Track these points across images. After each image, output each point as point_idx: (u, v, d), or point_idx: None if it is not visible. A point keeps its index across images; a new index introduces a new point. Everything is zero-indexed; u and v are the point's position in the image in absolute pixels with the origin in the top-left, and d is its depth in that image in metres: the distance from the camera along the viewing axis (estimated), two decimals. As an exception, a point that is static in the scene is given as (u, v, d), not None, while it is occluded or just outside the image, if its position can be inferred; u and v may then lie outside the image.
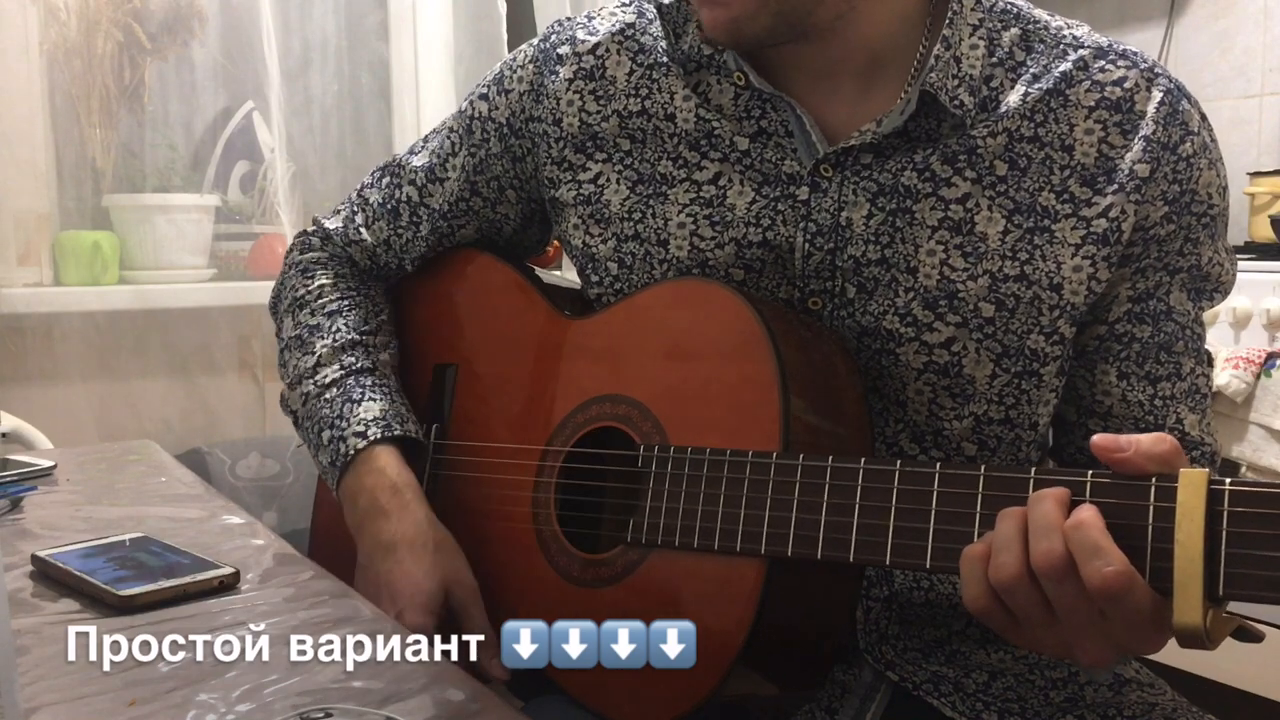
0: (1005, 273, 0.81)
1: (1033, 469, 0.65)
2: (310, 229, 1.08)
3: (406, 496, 0.89)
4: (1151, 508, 0.61)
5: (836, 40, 0.81)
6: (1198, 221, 0.82)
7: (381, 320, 1.01)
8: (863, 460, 0.70)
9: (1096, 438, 0.62)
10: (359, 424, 0.91)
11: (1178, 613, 0.59)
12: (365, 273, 1.05)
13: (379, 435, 0.91)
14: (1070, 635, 0.63)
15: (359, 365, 0.96)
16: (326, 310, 1.00)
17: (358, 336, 0.98)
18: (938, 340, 0.82)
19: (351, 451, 0.91)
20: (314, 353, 0.97)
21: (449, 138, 1.00)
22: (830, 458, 0.71)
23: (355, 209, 1.04)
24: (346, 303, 1.00)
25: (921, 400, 0.83)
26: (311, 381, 0.96)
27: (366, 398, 0.93)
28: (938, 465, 0.68)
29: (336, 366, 0.95)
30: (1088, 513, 0.61)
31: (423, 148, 1.02)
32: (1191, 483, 0.59)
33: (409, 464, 0.92)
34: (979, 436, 0.84)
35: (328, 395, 0.94)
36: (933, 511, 0.67)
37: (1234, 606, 0.61)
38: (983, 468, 0.66)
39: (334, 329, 0.98)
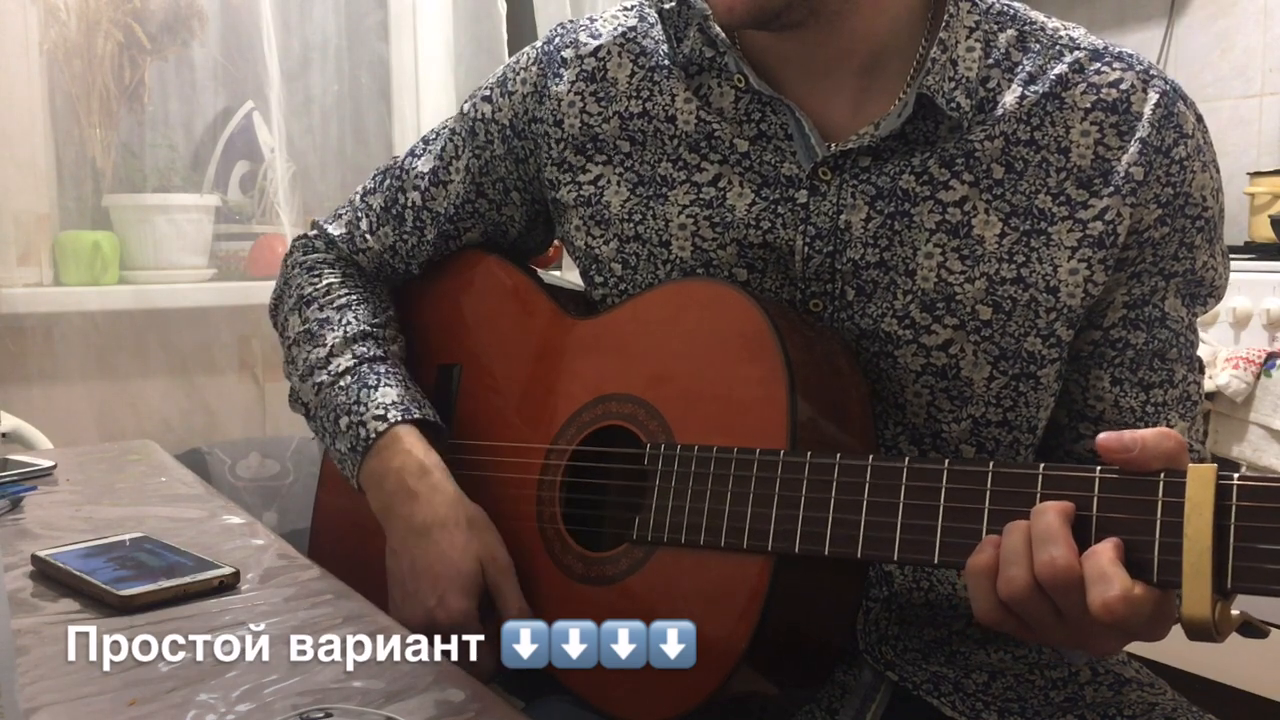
0: (1002, 275, 0.81)
1: (1041, 465, 0.65)
2: (312, 232, 1.07)
3: (435, 476, 0.88)
4: (1160, 503, 0.61)
5: (841, 29, 0.81)
6: (1192, 225, 0.82)
7: (389, 316, 1.01)
8: (870, 457, 0.70)
9: (1101, 437, 0.63)
10: (378, 408, 0.91)
11: (1186, 606, 0.59)
12: (371, 276, 1.05)
13: (399, 418, 0.90)
14: (1078, 633, 0.64)
15: (371, 354, 0.96)
16: (335, 305, 1.00)
17: (369, 328, 0.98)
18: (935, 343, 0.82)
19: (373, 435, 0.90)
20: (325, 344, 0.97)
21: (452, 140, 0.99)
22: (838, 455, 0.71)
23: (359, 214, 1.04)
24: (355, 298, 1.00)
25: (920, 403, 0.83)
26: (325, 371, 0.95)
27: (383, 384, 0.93)
28: (946, 462, 0.68)
29: (349, 355, 0.95)
30: (1102, 544, 0.62)
31: (424, 151, 1.01)
32: (1200, 478, 0.60)
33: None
34: (977, 439, 0.84)
35: (342, 383, 0.94)
36: (941, 508, 0.67)
37: (1242, 600, 0.61)
38: (991, 464, 0.67)
39: (344, 321, 0.98)
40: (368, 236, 1.03)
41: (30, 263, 1.97)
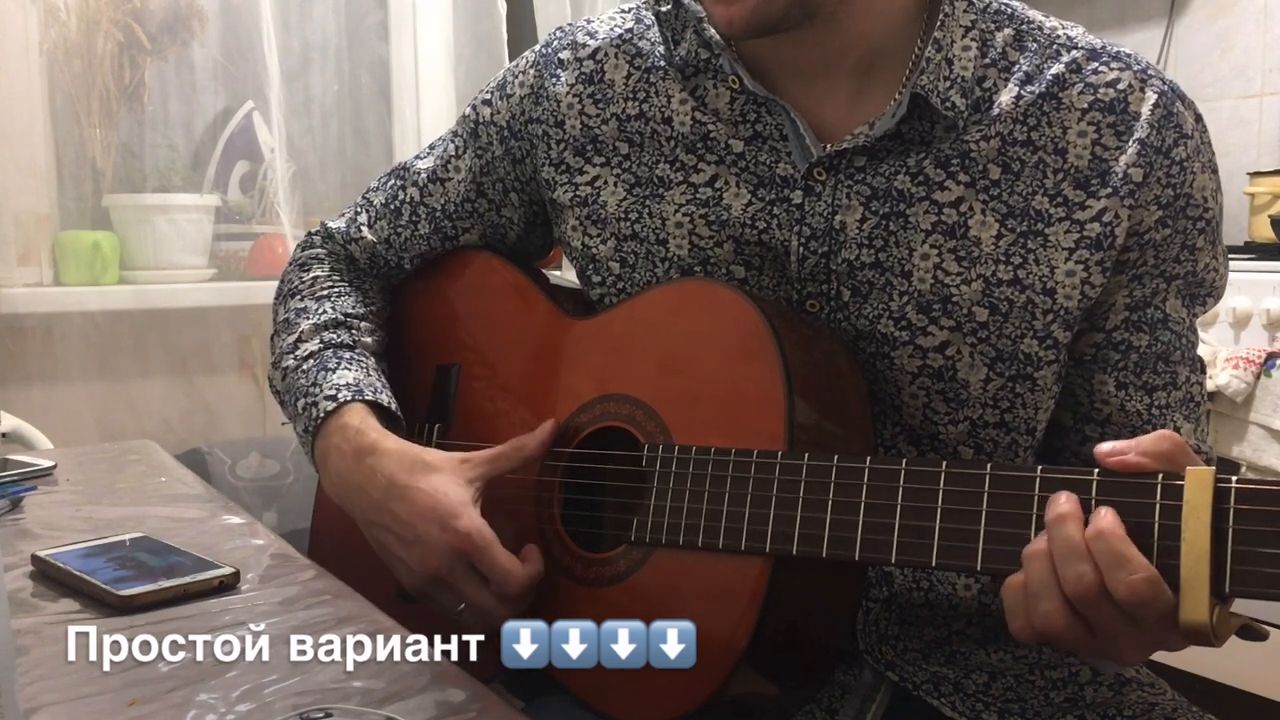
0: (999, 277, 0.81)
1: (1039, 467, 0.65)
2: (314, 231, 1.09)
3: (372, 437, 0.87)
4: (1158, 506, 0.61)
5: (837, 29, 0.81)
6: (1193, 226, 0.82)
7: (371, 310, 1.01)
8: (868, 459, 0.70)
9: (1099, 447, 0.63)
10: (331, 389, 0.91)
11: (1184, 610, 0.59)
12: (364, 271, 1.05)
13: (349, 398, 0.90)
14: (1106, 644, 0.64)
15: (339, 340, 0.96)
16: (316, 295, 1.01)
17: (341, 317, 0.98)
18: (932, 344, 0.82)
19: (321, 415, 0.90)
20: (296, 331, 0.97)
21: (454, 141, 1.01)
22: (835, 457, 0.71)
23: (359, 209, 1.05)
24: (338, 290, 1.01)
25: (916, 404, 0.83)
26: (291, 356, 0.96)
27: (342, 367, 0.93)
28: (944, 464, 0.68)
29: (317, 341, 0.96)
30: (1107, 520, 0.61)
31: (429, 153, 1.03)
32: (1198, 480, 0.59)
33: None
34: (975, 440, 0.84)
35: (304, 367, 0.94)
36: (939, 510, 0.67)
37: (1240, 604, 0.61)
38: (989, 465, 0.66)
39: (320, 310, 0.98)
40: (364, 229, 1.04)
41: (30, 263, 1.97)
